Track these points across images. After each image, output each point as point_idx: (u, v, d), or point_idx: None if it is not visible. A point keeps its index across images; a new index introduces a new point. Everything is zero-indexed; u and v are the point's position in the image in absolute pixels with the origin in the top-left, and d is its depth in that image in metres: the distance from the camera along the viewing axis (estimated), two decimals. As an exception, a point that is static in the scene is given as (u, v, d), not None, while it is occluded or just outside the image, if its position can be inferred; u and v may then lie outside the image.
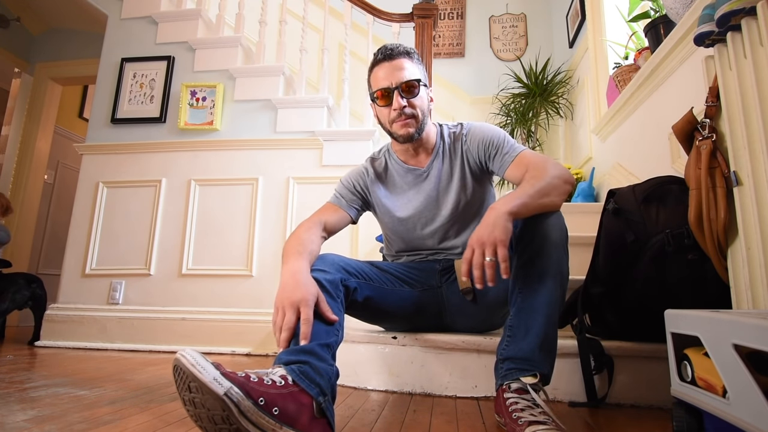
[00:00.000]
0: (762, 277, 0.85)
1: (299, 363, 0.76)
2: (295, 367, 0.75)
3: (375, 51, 1.22)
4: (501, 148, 1.15)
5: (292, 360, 0.77)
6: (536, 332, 0.86)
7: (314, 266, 0.97)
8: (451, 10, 3.77)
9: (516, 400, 0.81)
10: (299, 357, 0.78)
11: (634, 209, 1.10)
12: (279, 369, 0.75)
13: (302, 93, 2.40)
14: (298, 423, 0.69)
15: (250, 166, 2.33)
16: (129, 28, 2.64)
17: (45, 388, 1.18)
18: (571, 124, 3.10)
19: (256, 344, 2.06)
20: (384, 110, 1.19)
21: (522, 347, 0.86)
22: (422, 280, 1.23)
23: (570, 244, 1.53)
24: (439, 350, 1.19)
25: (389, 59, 1.17)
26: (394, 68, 1.16)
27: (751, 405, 0.58)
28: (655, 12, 1.82)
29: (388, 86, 1.16)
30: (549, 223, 0.94)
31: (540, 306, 0.87)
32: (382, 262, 1.28)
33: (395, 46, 1.19)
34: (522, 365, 0.85)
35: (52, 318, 2.25)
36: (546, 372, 0.85)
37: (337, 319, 0.89)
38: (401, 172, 1.28)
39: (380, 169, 1.30)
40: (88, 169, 2.46)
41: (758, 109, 0.87)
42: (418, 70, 1.20)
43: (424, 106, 1.21)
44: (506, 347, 0.89)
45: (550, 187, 0.99)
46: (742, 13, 0.90)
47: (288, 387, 0.71)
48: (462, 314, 1.23)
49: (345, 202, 1.26)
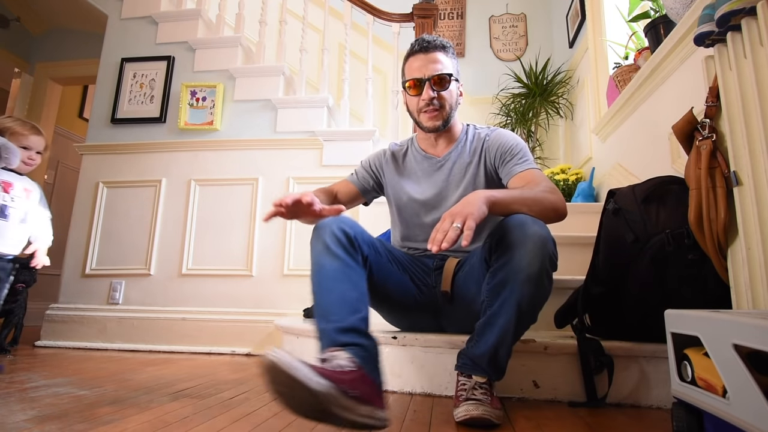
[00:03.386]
0: (762, 277, 0.85)
1: (356, 346, 0.86)
2: (355, 350, 0.85)
3: (413, 41, 1.26)
4: (515, 158, 1.18)
5: (348, 342, 0.86)
6: (489, 346, 0.94)
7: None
8: (451, 10, 3.77)
9: (464, 382, 0.96)
10: (354, 339, 0.87)
11: (634, 209, 1.10)
12: (341, 352, 0.83)
13: (302, 93, 2.40)
14: (375, 400, 0.79)
15: (250, 166, 2.33)
16: (129, 28, 2.64)
17: (45, 388, 1.18)
18: (571, 124, 3.10)
19: (256, 344, 2.06)
20: (414, 99, 1.24)
21: (476, 354, 0.96)
22: (420, 276, 1.25)
23: (570, 244, 1.53)
24: (439, 350, 1.19)
25: (425, 51, 1.22)
26: (428, 60, 1.21)
27: (751, 405, 0.58)
28: (655, 12, 1.82)
29: (420, 77, 1.21)
30: (523, 255, 0.91)
31: (497, 327, 0.94)
32: (391, 245, 1.30)
33: (433, 38, 1.24)
34: (475, 367, 0.96)
35: (52, 318, 2.25)
36: (493, 378, 0.96)
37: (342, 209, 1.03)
38: (419, 159, 1.33)
39: (399, 153, 1.37)
40: (88, 169, 2.46)
41: (758, 109, 0.87)
42: (451, 64, 1.25)
43: (453, 99, 1.25)
44: (470, 345, 0.99)
45: (536, 204, 1.01)
46: (742, 13, 0.90)
47: (358, 370, 0.81)
48: (455, 317, 1.24)
49: (357, 178, 1.36)
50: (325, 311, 0.93)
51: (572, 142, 3.07)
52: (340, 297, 0.93)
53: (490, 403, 0.89)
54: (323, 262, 0.97)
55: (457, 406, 0.92)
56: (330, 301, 0.94)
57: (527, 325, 0.99)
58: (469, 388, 0.94)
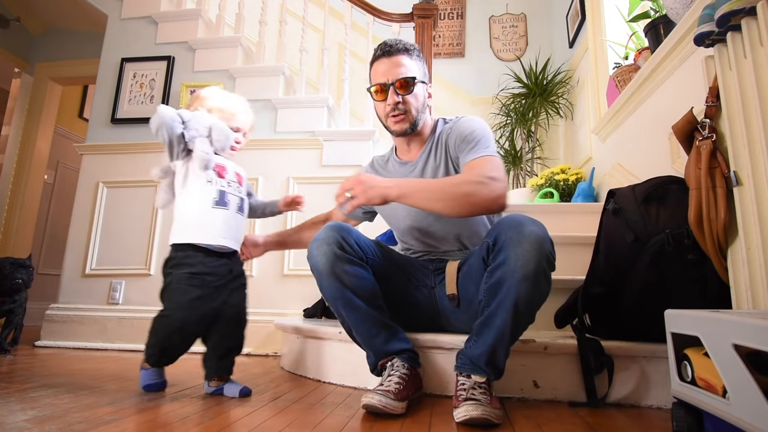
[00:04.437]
0: (762, 277, 0.85)
1: (406, 352, 1.10)
2: (405, 356, 1.09)
3: (376, 46, 1.25)
4: (468, 146, 1.15)
5: (401, 349, 1.09)
6: (487, 346, 0.96)
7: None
8: (451, 10, 3.77)
9: (463, 382, 0.97)
10: (405, 345, 1.11)
11: (634, 209, 1.10)
12: (398, 360, 1.07)
13: (302, 93, 2.40)
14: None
15: (250, 166, 2.32)
16: (129, 28, 2.64)
17: (45, 388, 1.18)
18: (571, 124, 3.10)
19: (256, 344, 2.06)
20: (380, 104, 1.23)
21: (475, 354, 0.98)
22: (418, 277, 1.25)
23: (570, 244, 1.53)
24: (439, 350, 1.19)
25: (389, 55, 1.21)
26: (392, 65, 1.20)
27: (751, 405, 0.58)
28: (655, 12, 1.81)
29: (384, 82, 1.20)
30: (519, 255, 0.92)
31: (494, 327, 0.95)
32: (389, 247, 1.31)
33: (395, 42, 1.22)
34: (474, 367, 0.98)
35: (52, 318, 2.25)
36: (492, 378, 0.98)
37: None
38: (396, 165, 1.34)
39: (382, 162, 1.39)
40: (88, 169, 2.46)
41: (758, 109, 0.87)
42: (416, 66, 1.22)
43: (419, 102, 1.22)
44: (468, 345, 1.01)
45: (442, 195, 1.04)
46: (742, 13, 0.90)
47: (412, 372, 1.06)
48: (448, 319, 1.24)
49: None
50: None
51: (572, 142, 3.07)
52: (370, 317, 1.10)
53: (490, 403, 0.89)
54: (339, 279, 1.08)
55: (456, 407, 0.92)
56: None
57: (525, 325, 1.00)
58: (468, 387, 0.94)
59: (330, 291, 1.09)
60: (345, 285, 1.07)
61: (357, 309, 1.08)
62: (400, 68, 1.19)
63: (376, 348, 1.10)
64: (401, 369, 1.04)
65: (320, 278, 1.09)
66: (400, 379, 1.01)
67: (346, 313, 1.09)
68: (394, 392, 0.95)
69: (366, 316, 1.09)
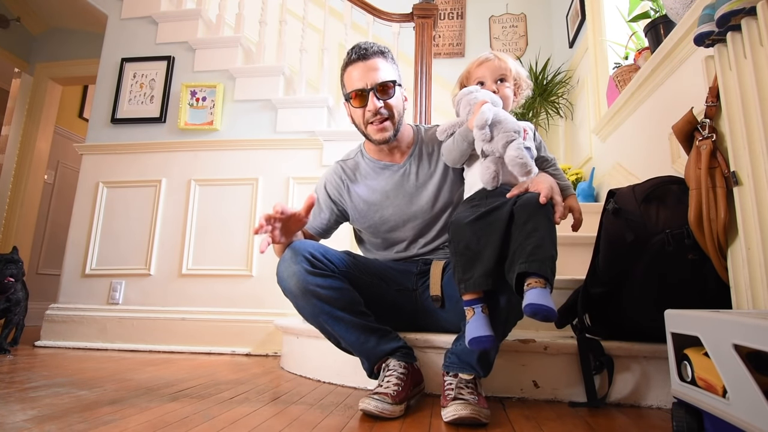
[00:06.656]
0: (762, 277, 0.84)
1: (400, 350, 1.09)
2: (400, 354, 1.08)
3: (348, 50, 1.19)
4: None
5: (393, 348, 1.09)
6: None
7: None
8: (451, 10, 3.77)
9: (450, 381, 0.98)
10: (397, 344, 1.10)
11: (634, 209, 1.10)
12: (393, 360, 1.06)
13: (302, 93, 2.40)
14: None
15: (250, 166, 2.33)
16: (129, 28, 2.64)
17: (45, 388, 1.18)
18: (571, 124, 3.10)
19: (255, 344, 2.06)
20: (358, 111, 1.18)
21: (466, 350, 0.96)
22: (398, 280, 1.23)
23: (570, 244, 1.53)
24: (439, 350, 1.19)
25: (364, 59, 1.16)
26: (368, 68, 1.15)
27: (751, 405, 0.58)
28: (655, 12, 1.81)
29: (363, 87, 1.15)
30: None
31: None
32: (361, 255, 1.29)
33: (369, 45, 1.17)
34: (461, 364, 0.98)
35: (52, 318, 2.25)
36: (481, 374, 0.98)
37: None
38: (376, 169, 1.27)
39: (352, 168, 1.31)
40: (88, 169, 2.46)
41: (758, 109, 0.87)
42: (393, 69, 1.19)
43: (400, 106, 1.20)
44: (457, 344, 1.02)
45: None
46: (742, 13, 0.90)
47: (409, 370, 1.05)
48: (435, 319, 1.23)
49: (324, 216, 1.32)
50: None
51: (572, 142, 3.07)
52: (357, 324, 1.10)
53: (478, 403, 0.89)
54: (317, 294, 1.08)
55: (445, 406, 0.92)
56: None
57: (513, 321, 0.99)
58: (455, 386, 0.94)
59: (308, 310, 1.08)
60: (322, 299, 1.06)
61: (340, 320, 1.07)
62: (377, 72, 1.15)
63: (368, 353, 1.09)
64: (398, 369, 1.03)
65: (295, 300, 1.09)
66: (398, 380, 1.00)
67: (330, 326, 1.08)
68: (391, 395, 0.95)
69: (351, 324, 1.08)
